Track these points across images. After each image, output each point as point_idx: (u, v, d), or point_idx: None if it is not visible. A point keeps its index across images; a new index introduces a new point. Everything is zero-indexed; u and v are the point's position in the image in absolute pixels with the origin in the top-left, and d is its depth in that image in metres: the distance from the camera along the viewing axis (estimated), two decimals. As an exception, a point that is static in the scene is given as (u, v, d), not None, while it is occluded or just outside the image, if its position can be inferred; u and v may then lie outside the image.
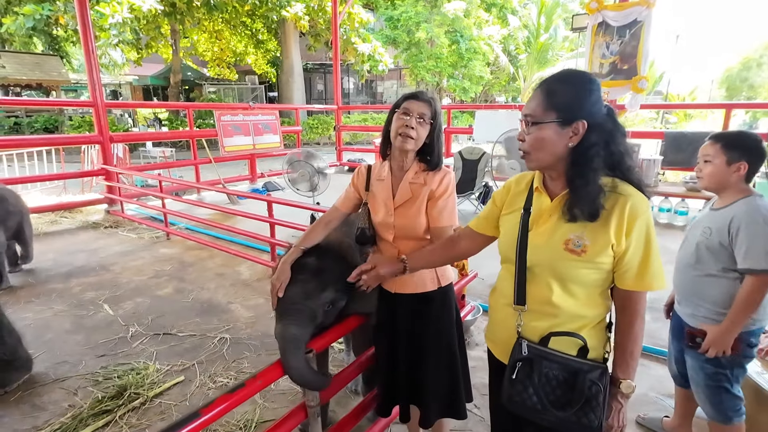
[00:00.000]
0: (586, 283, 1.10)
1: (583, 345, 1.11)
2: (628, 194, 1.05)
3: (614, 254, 1.07)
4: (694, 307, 1.66)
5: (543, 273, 1.12)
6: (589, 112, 1.05)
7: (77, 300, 3.51)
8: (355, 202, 1.71)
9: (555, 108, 1.05)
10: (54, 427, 2.08)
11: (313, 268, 1.53)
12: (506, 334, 1.20)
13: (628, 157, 1.08)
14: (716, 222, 1.59)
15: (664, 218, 5.57)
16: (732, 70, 22.61)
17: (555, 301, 1.11)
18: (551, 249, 1.10)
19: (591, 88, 1.06)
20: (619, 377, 1.12)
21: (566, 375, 1.09)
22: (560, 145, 1.07)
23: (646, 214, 1.05)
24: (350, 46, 14.43)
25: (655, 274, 1.07)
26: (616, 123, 1.08)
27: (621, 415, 1.13)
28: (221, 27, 16.29)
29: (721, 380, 1.63)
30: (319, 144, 16.28)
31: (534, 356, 1.11)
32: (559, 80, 1.09)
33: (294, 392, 2.34)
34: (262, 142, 7.88)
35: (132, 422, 2.14)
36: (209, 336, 2.95)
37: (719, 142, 1.61)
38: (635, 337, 1.11)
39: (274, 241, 3.99)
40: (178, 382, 2.45)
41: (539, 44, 17.33)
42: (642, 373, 2.50)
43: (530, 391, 1.10)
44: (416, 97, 1.52)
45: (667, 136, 6.02)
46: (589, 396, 1.07)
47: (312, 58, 20.79)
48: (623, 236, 1.05)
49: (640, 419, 2.09)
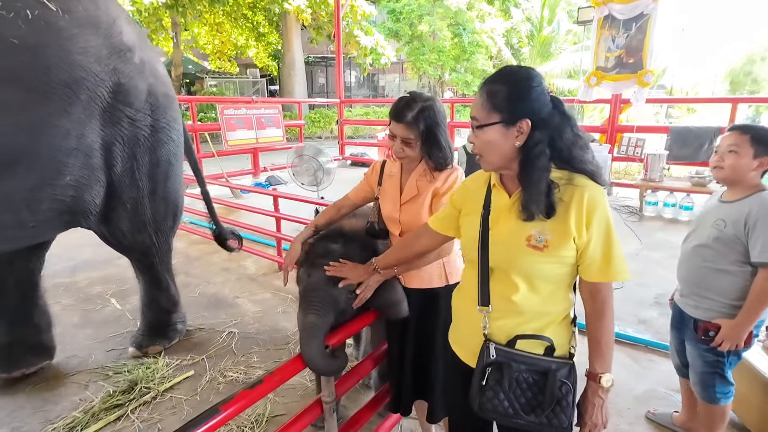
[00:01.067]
0: (551, 279, 1.09)
1: (550, 345, 1.10)
2: (585, 186, 1.05)
3: (576, 246, 1.06)
4: (699, 299, 1.68)
5: (507, 271, 1.11)
6: (532, 109, 1.03)
7: (84, 294, 3.52)
8: (365, 194, 1.77)
9: (497, 109, 1.04)
10: (66, 420, 2.10)
11: (338, 255, 1.54)
12: (472, 336, 1.18)
13: (578, 150, 1.06)
14: (730, 215, 1.58)
15: (669, 213, 5.55)
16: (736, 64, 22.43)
17: (520, 299, 1.10)
18: (513, 246, 1.09)
19: (531, 84, 1.04)
20: (598, 371, 1.11)
21: (536, 377, 1.08)
22: (508, 146, 1.06)
23: (603, 204, 1.05)
24: (352, 39, 14.33)
25: (619, 264, 1.06)
26: (565, 115, 1.06)
27: (604, 411, 1.11)
28: (222, 19, 16.17)
29: (718, 367, 1.68)
30: (320, 138, 16.23)
31: (503, 360, 1.09)
32: (498, 80, 1.07)
33: (304, 387, 2.34)
34: (265, 135, 7.86)
35: (144, 416, 2.15)
36: (217, 330, 2.96)
37: (747, 133, 1.56)
38: (607, 328, 1.10)
39: (280, 236, 3.98)
40: (188, 376, 2.46)
41: (542, 38, 17.20)
42: (650, 368, 2.51)
43: (501, 397, 1.09)
44: (399, 117, 1.48)
45: (673, 131, 5.98)
46: (560, 397, 1.07)
47: (313, 51, 20.67)
48: (584, 228, 1.04)
49: (651, 415, 2.10)
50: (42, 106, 1.72)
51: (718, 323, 1.61)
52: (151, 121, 2.21)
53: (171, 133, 2.36)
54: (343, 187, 1.80)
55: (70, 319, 3.10)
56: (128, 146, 2.13)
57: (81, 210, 2.08)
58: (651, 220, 5.52)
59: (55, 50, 1.72)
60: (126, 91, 2.02)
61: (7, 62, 1.62)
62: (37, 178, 1.81)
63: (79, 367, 2.55)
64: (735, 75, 21.56)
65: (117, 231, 2.32)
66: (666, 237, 4.68)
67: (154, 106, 2.20)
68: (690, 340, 1.75)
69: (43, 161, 1.80)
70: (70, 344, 2.79)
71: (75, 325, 3.03)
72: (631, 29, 5.92)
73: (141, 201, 2.30)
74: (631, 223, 5.29)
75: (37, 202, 1.85)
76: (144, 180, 2.27)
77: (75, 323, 3.06)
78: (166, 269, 2.67)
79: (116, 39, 1.96)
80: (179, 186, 2.59)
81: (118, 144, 2.08)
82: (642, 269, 3.83)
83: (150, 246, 2.48)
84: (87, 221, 2.17)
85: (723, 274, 1.60)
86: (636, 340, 2.76)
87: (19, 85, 1.65)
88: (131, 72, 2.03)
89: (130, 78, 2.02)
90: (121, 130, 2.07)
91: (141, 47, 2.13)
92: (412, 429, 2.05)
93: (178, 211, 2.62)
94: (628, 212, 5.78)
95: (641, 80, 5.84)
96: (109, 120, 2.00)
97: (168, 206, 2.49)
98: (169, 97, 2.34)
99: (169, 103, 2.32)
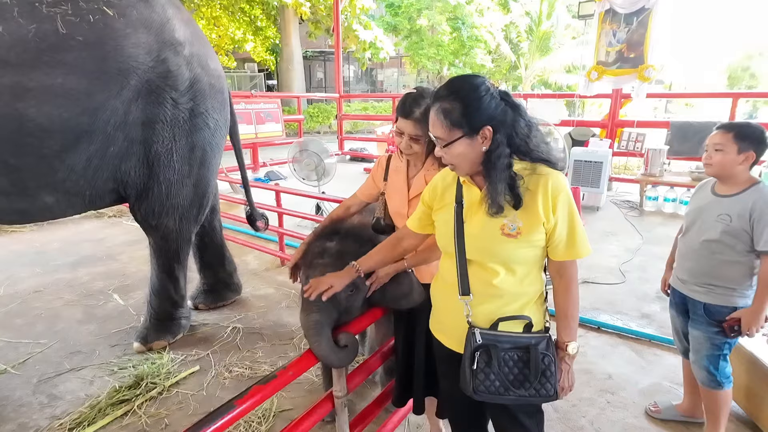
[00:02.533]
0: (526, 261, 1.17)
1: (528, 322, 1.19)
2: (548, 173, 1.13)
3: (545, 230, 1.14)
4: (711, 287, 1.75)
5: (484, 260, 1.18)
6: (488, 115, 1.09)
7: (86, 290, 3.50)
8: (372, 191, 1.77)
9: (457, 126, 1.10)
10: (73, 416, 2.09)
11: (334, 252, 1.54)
12: (455, 324, 1.24)
13: (530, 141, 1.12)
14: (733, 209, 1.67)
15: (669, 208, 5.57)
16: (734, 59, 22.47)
17: (499, 282, 1.17)
18: (489, 236, 1.16)
19: (479, 94, 1.09)
20: (565, 341, 1.22)
21: (520, 353, 1.16)
22: (476, 153, 1.12)
23: (566, 188, 1.14)
24: (351, 33, 14.25)
25: (582, 242, 1.16)
26: (515, 107, 1.12)
27: (570, 375, 1.24)
28: (219, 13, 16.04)
29: (722, 348, 1.77)
30: (319, 133, 16.16)
31: (489, 342, 1.16)
32: (448, 98, 1.11)
33: (311, 382, 2.35)
34: (264, 130, 7.82)
35: (151, 411, 2.15)
36: (221, 326, 2.96)
37: (731, 131, 1.67)
38: (573, 301, 1.21)
39: (283, 231, 3.97)
40: (193, 371, 2.46)
41: (541, 32, 17.14)
42: (654, 362, 2.53)
43: (492, 377, 1.16)
44: (407, 114, 1.48)
45: (673, 126, 5.99)
46: (543, 368, 1.16)
47: (312, 46, 20.55)
48: (550, 212, 1.12)
49: (653, 412, 2.10)
50: (100, 91, 2.07)
51: (737, 316, 1.69)
52: (192, 106, 2.44)
53: (208, 120, 2.54)
54: (343, 183, 1.81)
55: (73, 315, 3.09)
56: (168, 126, 2.37)
57: (120, 178, 2.35)
58: (651, 214, 5.54)
59: (111, 45, 2.08)
60: (174, 77, 2.32)
61: (75, 55, 1.97)
62: (92, 151, 2.14)
63: (84, 362, 2.55)
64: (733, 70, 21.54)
65: (149, 209, 2.51)
66: (666, 232, 4.70)
67: (196, 93, 2.44)
68: (699, 324, 1.80)
69: (99, 135, 2.13)
70: (74, 340, 2.78)
71: (78, 320, 3.02)
72: (632, 23, 5.90)
73: (175, 183, 2.49)
74: (631, 218, 5.31)
75: (91, 171, 2.19)
76: (180, 162, 2.47)
77: (78, 319, 3.05)
78: (181, 258, 2.74)
79: (168, 35, 2.31)
80: (211, 176, 2.74)
81: (160, 123, 2.34)
82: (643, 264, 3.84)
83: (172, 230, 2.61)
84: (127, 191, 2.42)
85: (732, 264, 1.69)
86: (639, 334, 2.78)
87: (83, 73, 2.01)
88: (179, 62, 2.34)
89: (178, 67, 2.33)
90: (165, 111, 2.33)
91: (192, 43, 2.44)
92: (419, 423, 2.06)
93: (205, 201, 2.75)
94: (628, 207, 5.79)
95: (642, 75, 5.83)
96: (155, 101, 2.29)
97: (197, 192, 2.63)
98: (215, 88, 2.57)
99: (213, 93, 2.55)
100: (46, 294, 3.42)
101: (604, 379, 2.38)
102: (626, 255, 4.07)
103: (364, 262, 1.45)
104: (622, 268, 3.79)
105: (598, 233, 4.76)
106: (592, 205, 5.70)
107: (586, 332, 2.83)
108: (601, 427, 2.04)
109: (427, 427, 1.99)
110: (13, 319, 3.05)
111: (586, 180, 5.57)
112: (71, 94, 1.98)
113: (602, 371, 2.44)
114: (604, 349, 2.65)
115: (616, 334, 2.81)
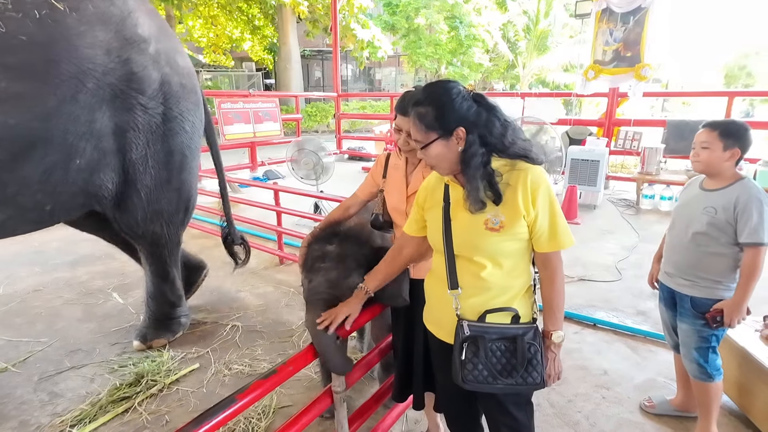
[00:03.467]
0: (511, 254, 1.22)
1: (515, 314, 1.24)
2: (527, 168, 1.18)
3: (527, 223, 1.19)
4: (696, 279, 1.80)
5: (471, 254, 1.23)
6: (460, 117, 1.14)
7: (86, 288, 3.52)
8: (372, 189, 1.79)
9: (431, 129, 1.16)
10: (75, 413, 2.11)
11: (335, 255, 1.55)
12: (446, 317, 1.29)
13: (505, 139, 1.16)
14: (719, 202, 1.72)
15: (666, 206, 5.60)
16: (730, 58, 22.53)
17: (487, 275, 1.22)
18: (474, 231, 1.20)
19: (451, 97, 1.14)
20: (550, 329, 1.27)
21: (507, 343, 1.21)
22: (453, 154, 1.17)
23: (545, 182, 1.18)
24: (349, 32, 14.24)
25: (564, 234, 1.20)
26: (489, 107, 1.17)
27: (556, 363, 1.29)
28: (217, 12, 16.01)
29: (711, 341, 1.81)
30: (317, 132, 16.17)
31: (476, 333, 1.20)
32: (422, 103, 1.17)
33: (309, 379, 2.37)
34: (263, 130, 7.83)
35: (151, 408, 2.16)
36: (221, 324, 2.97)
37: (716, 129, 1.72)
38: (558, 291, 1.26)
39: (281, 230, 3.99)
40: (193, 369, 2.47)
41: (539, 31, 17.17)
42: (649, 358, 2.56)
43: (480, 367, 1.20)
44: (405, 111, 1.50)
45: (670, 125, 6.03)
46: (530, 357, 1.20)
47: (309, 45, 20.53)
48: (530, 206, 1.17)
49: (647, 407, 2.13)
50: (53, 96, 1.85)
51: (720, 307, 1.74)
52: (163, 110, 2.28)
53: (184, 124, 2.41)
54: (341, 182, 1.83)
55: (73, 314, 3.11)
56: (142, 133, 2.21)
57: (93, 193, 2.17)
58: (648, 213, 5.57)
59: (62, 45, 1.84)
60: (139, 80, 2.12)
61: (19, 58, 1.75)
62: (50, 162, 1.92)
63: (84, 360, 2.56)
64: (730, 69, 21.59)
65: (131, 219, 2.39)
66: (663, 230, 4.66)
67: (167, 95, 2.27)
68: (687, 318, 1.84)
69: (56, 145, 1.92)
70: (74, 339, 2.79)
71: (78, 319, 3.04)
72: (629, 22, 5.93)
73: (154, 190, 2.37)
74: (628, 216, 5.34)
75: (52, 184, 1.97)
76: (157, 168, 2.34)
77: (78, 317, 3.06)
78: (173, 261, 2.71)
79: (129, 32, 2.07)
80: (193, 179, 2.65)
81: (131, 130, 2.17)
82: (639, 261, 3.87)
83: (161, 236, 2.54)
84: (101, 205, 2.26)
85: (717, 256, 1.75)
86: (635, 331, 2.81)
87: (31, 77, 1.79)
88: (145, 62, 2.13)
89: (143, 67, 2.12)
90: (135, 117, 2.16)
91: (159, 39, 2.22)
92: (417, 419, 2.08)
93: (191, 204, 2.68)
94: (625, 205, 5.83)
95: (639, 74, 5.86)
96: (122, 107, 2.10)
97: (181, 198, 2.55)
98: (187, 87, 2.40)
99: (185, 94, 2.39)
100: (45, 293, 3.43)
101: (600, 374, 2.41)
102: (622, 253, 4.10)
103: (371, 282, 1.48)
104: (618, 265, 3.82)
105: (594, 231, 4.79)
106: (589, 203, 5.74)
107: (582, 329, 2.86)
108: (596, 422, 2.07)
109: (424, 423, 2.02)
110: (13, 317, 3.06)
111: (583, 178, 5.60)
112: (17, 100, 1.76)
113: (598, 367, 2.47)
114: (599, 346, 2.68)
115: (611, 331, 2.84)
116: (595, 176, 5.54)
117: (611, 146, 6.32)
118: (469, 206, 1.17)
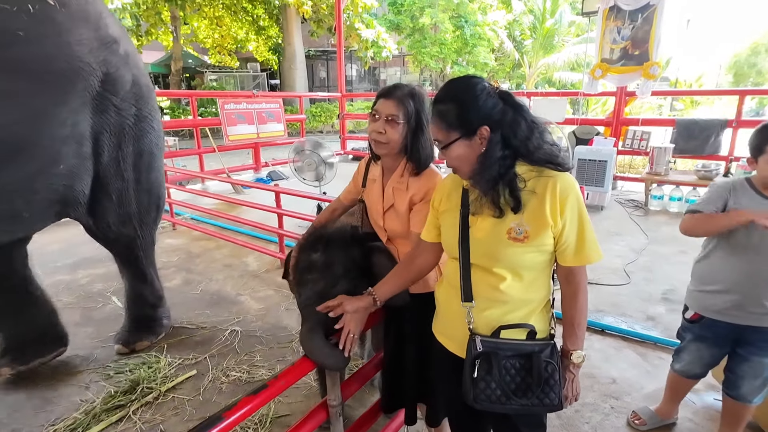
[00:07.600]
0: (534, 267, 1.13)
1: (531, 329, 1.15)
2: (556, 176, 1.08)
3: (553, 234, 1.10)
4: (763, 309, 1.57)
5: (490, 264, 1.14)
6: (484, 115, 1.07)
7: (85, 292, 3.48)
8: (354, 195, 1.72)
9: (453, 127, 1.09)
10: (67, 422, 2.06)
11: (320, 265, 1.47)
12: (458, 329, 1.21)
13: (530, 143, 1.09)
14: None
15: (675, 207, 5.49)
16: (740, 56, 22.24)
17: (506, 287, 1.13)
18: (495, 240, 1.12)
19: (474, 93, 1.07)
20: (570, 349, 1.18)
21: (522, 361, 1.13)
22: (476, 154, 1.10)
23: (575, 190, 1.09)
24: (354, 32, 14.19)
25: (592, 248, 1.11)
26: (516, 106, 1.09)
27: (574, 385, 1.20)
28: (222, 13, 16.04)
29: None
30: (322, 132, 16.14)
31: (490, 350, 1.13)
32: (443, 99, 1.11)
33: (308, 386, 2.31)
34: (266, 130, 7.81)
35: (146, 417, 2.11)
36: (220, 328, 2.92)
37: None
38: (580, 308, 1.17)
39: (283, 232, 3.93)
40: (190, 376, 2.42)
41: (545, 29, 17.03)
42: (660, 366, 2.46)
43: (493, 386, 1.12)
44: (388, 94, 1.42)
45: (679, 124, 5.91)
46: (546, 376, 1.12)
47: (314, 45, 20.52)
48: (558, 216, 1.08)
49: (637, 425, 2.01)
50: (44, 96, 1.79)
51: None
52: (135, 111, 2.25)
53: (153, 123, 2.39)
54: (345, 183, 1.76)
55: (71, 318, 3.07)
56: (115, 135, 2.18)
57: (71, 200, 2.11)
58: (656, 214, 5.46)
59: (56, 41, 1.79)
60: (113, 81, 2.08)
61: (15, 53, 1.68)
62: (34, 167, 1.85)
63: (81, 366, 2.52)
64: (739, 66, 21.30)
65: (103, 223, 2.34)
66: (672, 231, 4.62)
67: (138, 96, 2.25)
68: (759, 352, 1.63)
69: (42, 150, 1.85)
70: (72, 343, 2.73)
71: (76, 323, 3.00)
72: (637, 20, 5.82)
73: (126, 192, 2.34)
74: (636, 217, 5.24)
75: (33, 191, 1.89)
76: (129, 170, 2.31)
77: (76, 321, 3.02)
78: (150, 263, 2.68)
79: (104, 31, 2.03)
80: (161, 177, 2.63)
81: (105, 133, 2.13)
82: (649, 264, 3.78)
83: (134, 238, 2.50)
84: (76, 212, 2.20)
85: None
86: (645, 337, 2.72)
87: (24, 74, 1.72)
88: (118, 63, 2.10)
89: (117, 68, 2.09)
90: (109, 119, 2.12)
91: (125, 40, 2.20)
92: (418, 430, 2.01)
93: (161, 203, 2.65)
94: (633, 206, 5.72)
95: (647, 72, 5.76)
96: (98, 109, 2.06)
97: (151, 197, 2.52)
98: (150, 88, 2.39)
99: (150, 94, 2.37)
100: (44, 296, 3.40)
101: (608, 383, 2.33)
102: (631, 255, 4.00)
103: (380, 290, 1.37)
104: (626, 268, 3.73)
105: (602, 233, 4.69)
106: (596, 204, 5.63)
107: (590, 335, 2.78)
108: (605, 434, 1.99)
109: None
110: (11, 321, 3.02)
111: (591, 179, 5.50)
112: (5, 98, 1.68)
113: (606, 375, 2.39)
114: (608, 353, 2.60)
115: (620, 337, 2.75)
116: (602, 177, 5.44)
117: (619, 146, 6.21)
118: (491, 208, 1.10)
